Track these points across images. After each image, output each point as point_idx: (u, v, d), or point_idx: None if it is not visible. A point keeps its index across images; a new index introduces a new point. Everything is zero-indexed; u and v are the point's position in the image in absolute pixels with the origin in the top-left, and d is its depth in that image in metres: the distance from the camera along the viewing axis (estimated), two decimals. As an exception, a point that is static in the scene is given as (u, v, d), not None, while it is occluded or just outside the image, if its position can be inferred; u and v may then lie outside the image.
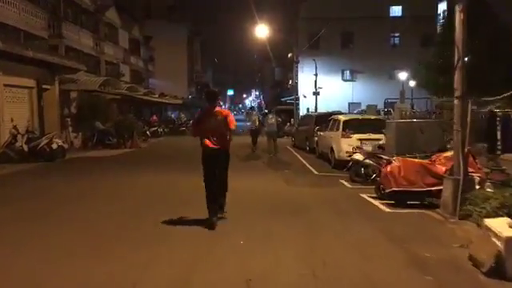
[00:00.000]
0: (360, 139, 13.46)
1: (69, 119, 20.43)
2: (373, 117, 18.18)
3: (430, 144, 9.78)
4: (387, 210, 8.18)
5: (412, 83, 39.46)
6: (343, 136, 13.77)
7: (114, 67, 36.81)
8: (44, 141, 14.69)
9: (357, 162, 11.38)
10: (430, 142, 10.04)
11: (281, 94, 60.37)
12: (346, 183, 11.33)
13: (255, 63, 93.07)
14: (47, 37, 26.25)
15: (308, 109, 41.61)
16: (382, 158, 9.85)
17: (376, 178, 9.30)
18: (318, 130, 17.08)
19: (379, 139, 13.40)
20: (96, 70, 32.07)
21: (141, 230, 6.84)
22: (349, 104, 44.28)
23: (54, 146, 14.90)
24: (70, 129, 20.41)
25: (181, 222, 7.25)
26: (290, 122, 29.64)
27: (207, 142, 7.19)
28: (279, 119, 28.10)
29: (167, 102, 34.55)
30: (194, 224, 6.99)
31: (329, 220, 7.52)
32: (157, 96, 33.71)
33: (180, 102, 40.66)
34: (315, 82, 36.56)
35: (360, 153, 11.57)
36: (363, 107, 41.99)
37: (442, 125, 10.89)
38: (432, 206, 8.04)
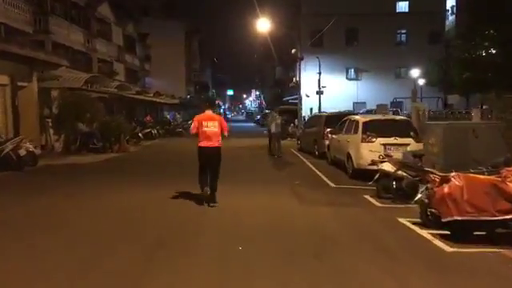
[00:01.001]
0: (384, 144, 11.12)
1: (49, 120, 18.03)
2: (397, 117, 15.83)
3: (489, 153, 7.36)
4: (448, 248, 5.77)
5: (421, 81, 37.15)
6: (364, 140, 11.39)
7: (107, 65, 34.49)
8: (9, 146, 12.26)
9: (386, 174, 9.02)
10: (488, 150, 7.63)
11: (282, 93, 58.02)
12: (372, 200, 8.96)
13: (255, 63, 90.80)
14: (32, 31, 24.01)
15: (311, 109, 39.30)
16: (427, 171, 7.46)
17: (423, 200, 6.88)
18: (329, 133, 14.78)
19: (406, 144, 11.06)
20: (88, 67, 29.72)
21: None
22: (353, 104, 41.90)
23: (22, 152, 12.46)
24: (51, 131, 18.01)
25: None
26: (293, 122, 27.23)
27: (204, 140, 8.57)
28: (283, 120, 25.89)
29: (162, 101, 32.14)
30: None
31: (374, 270, 5.07)
32: (151, 95, 31.29)
33: (176, 101, 38.25)
34: (319, 80, 34.23)
35: (390, 162, 9.19)
36: (368, 107, 39.71)
37: (500, 128, 8.47)
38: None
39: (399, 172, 8.71)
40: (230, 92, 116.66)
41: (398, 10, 43.17)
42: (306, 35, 41.62)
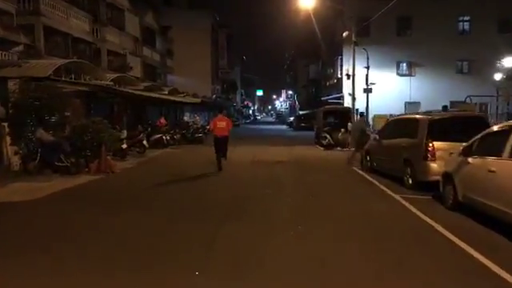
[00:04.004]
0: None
1: (5, 124, 11.92)
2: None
3: None
4: None
5: (497, 76, 29.55)
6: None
7: (120, 59, 28.51)
8: None
9: None
10: None
11: (316, 93, 51.05)
12: None
13: (286, 61, 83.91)
14: (14, 12, 18.25)
15: (357, 110, 32.35)
16: None
17: None
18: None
19: None
20: (95, 60, 23.82)
21: None
22: (405, 104, 34.60)
23: None
24: (8, 139, 11.89)
25: None
26: (344, 127, 20.28)
27: (218, 132, 12.78)
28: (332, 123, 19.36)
29: (178, 100, 25.66)
30: None
31: None
32: (166, 92, 24.92)
33: (198, 101, 31.80)
34: (366, 76, 27.06)
35: None
36: (423, 108, 32.35)
37: None
38: None
39: None
40: (259, 92, 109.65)
41: (459, -6, 35.35)
42: (350, 24, 34.66)
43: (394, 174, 10.60)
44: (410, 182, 9.53)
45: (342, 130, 19.99)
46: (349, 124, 20.14)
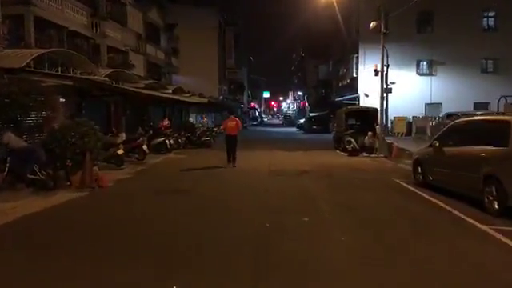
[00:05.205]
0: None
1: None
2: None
3: None
4: None
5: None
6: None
7: (121, 56, 26.11)
8: None
9: None
10: None
11: (326, 94, 48.41)
12: None
13: (294, 62, 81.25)
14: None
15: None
16: None
17: None
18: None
19: None
20: (94, 57, 21.38)
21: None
22: (425, 105, 31.91)
23: None
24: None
25: None
26: (372, 130, 17.59)
27: (230, 131, 14.32)
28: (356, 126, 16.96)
29: (181, 99, 23.02)
30: None
31: None
32: (170, 92, 22.31)
33: (204, 101, 29.18)
34: (385, 74, 24.29)
35: None
36: (446, 109, 29.73)
37: None
38: None
39: None
40: (266, 94, 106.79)
41: (484, -12, 32.60)
42: (366, 19, 32.09)
43: (464, 192, 7.98)
44: (496, 206, 6.92)
45: (370, 133, 17.30)
46: (377, 127, 17.46)
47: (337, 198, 8.86)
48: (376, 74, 20.08)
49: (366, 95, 32.31)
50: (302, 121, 45.90)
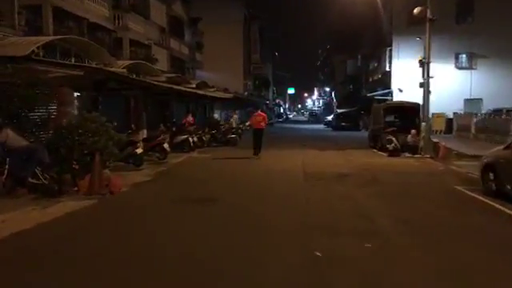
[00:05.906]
0: None
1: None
2: None
3: None
4: None
5: None
6: None
7: (144, 50, 24.94)
8: None
9: None
10: None
11: (355, 89, 46.27)
12: None
13: (319, 58, 78.93)
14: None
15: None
16: None
17: None
18: None
19: None
20: (115, 51, 20.25)
21: None
22: (465, 101, 29.56)
23: None
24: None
25: None
26: (415, 128, 15.71)
27: (257, 125, 15.27)
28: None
29: (212, 95, 21.62)
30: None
31: None
32: (193, 86, 20.91)
33: (230, 96, 27.72)
34: (427, 67, 22.21)
35: None
36: (487, 106, 27.38)
37: None
38: None
39: None
40: (290, 90, 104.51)
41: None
42: (400, 10, 30.03)
43: None
44: None
45: (413, 131, 15.44)
46: (422, 124, 15.56)
47: (396, 211, 7.17)
48: (421, 66, 18.12)
49: (400, 90, 30.26)
50: (329, 117, 43.98)
